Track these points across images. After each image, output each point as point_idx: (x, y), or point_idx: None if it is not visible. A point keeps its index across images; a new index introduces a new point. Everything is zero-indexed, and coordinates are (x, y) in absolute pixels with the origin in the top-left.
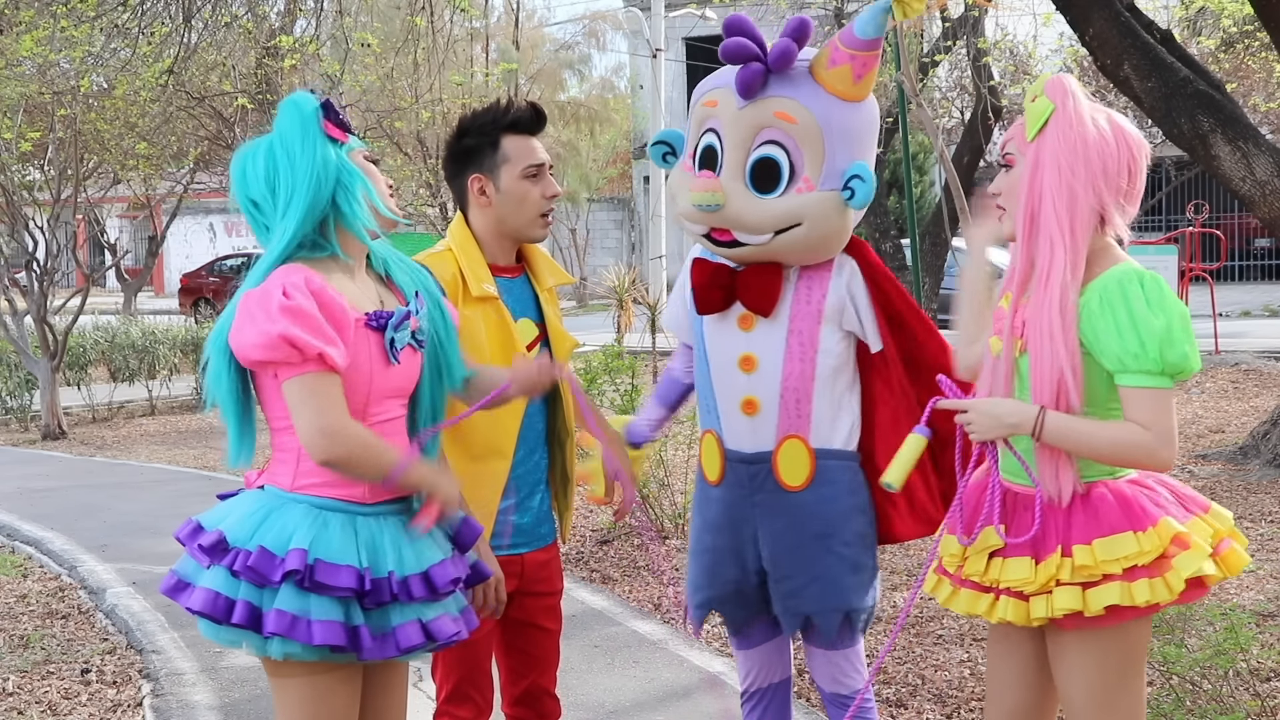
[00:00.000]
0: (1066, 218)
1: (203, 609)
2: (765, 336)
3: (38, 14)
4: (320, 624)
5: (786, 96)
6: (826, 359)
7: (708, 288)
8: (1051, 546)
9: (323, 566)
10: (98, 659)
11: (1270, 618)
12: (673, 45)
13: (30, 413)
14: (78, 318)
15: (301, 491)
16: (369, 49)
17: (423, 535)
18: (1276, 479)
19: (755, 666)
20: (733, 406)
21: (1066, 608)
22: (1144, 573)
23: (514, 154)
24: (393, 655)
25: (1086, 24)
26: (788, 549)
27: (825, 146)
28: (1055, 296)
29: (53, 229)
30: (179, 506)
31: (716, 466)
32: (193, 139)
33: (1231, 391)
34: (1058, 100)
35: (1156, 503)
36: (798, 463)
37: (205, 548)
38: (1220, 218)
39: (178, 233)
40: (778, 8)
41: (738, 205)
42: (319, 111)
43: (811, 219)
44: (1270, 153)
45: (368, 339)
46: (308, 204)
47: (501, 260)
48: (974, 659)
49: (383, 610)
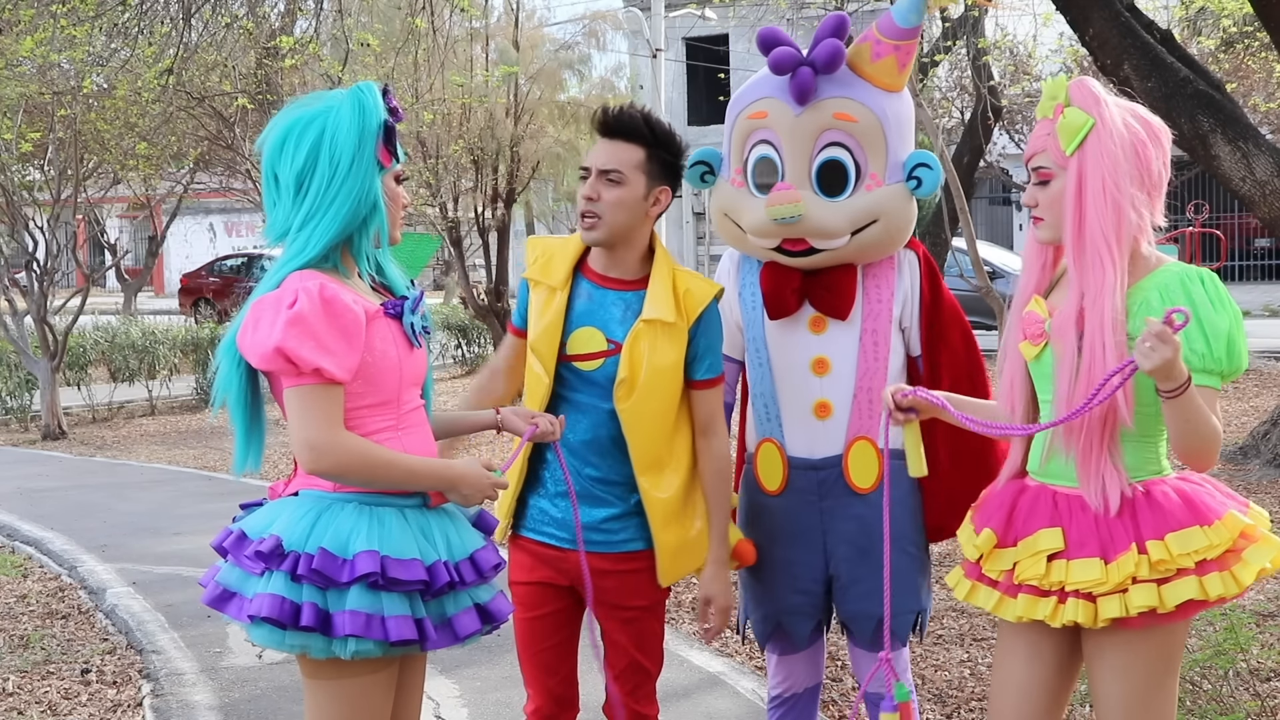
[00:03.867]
0: (1114, 231)
1: (270, 614)
2: (838, 338)
3: (38, 14)
4: (395, 620)
5: (843, 97)
6: (896, 358)
7: (780, 292)
8: (1124, 545)
9: (392, 563)
10: (98, 659)
11: (1270, 618)
12: (673, 45)
13: (30, 413)
14: (78, 318)
15: (346, 490)
16: (369, 49)
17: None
18: (1276, 479)
19: (792, 673)
20: (803, 411)
21: (1144, 605)
22: (1214, 566)
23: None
24: (452, 643)
25: (1086, 24)
26: (861, 552)
27: (887, 141)
28: (1110, 307)
29: (53, 229)
30: (179, 506)
31: (778, 476)
32: (193, 139)
33: (1231, 391)
34: (1095, 113)
35: (1216, 498)
36: (868, 464)
37: (263, 554)
38: (1220, 218)
39: (178, 233)
40: (777, 8)
41: (815, 213)
42: (380, 132)
43: (886, 214)
44: (1270, 153)
45: (389, 328)
46: (340, 229)
47: (612, 271)
48: (974, 659)
49: (439, 600)
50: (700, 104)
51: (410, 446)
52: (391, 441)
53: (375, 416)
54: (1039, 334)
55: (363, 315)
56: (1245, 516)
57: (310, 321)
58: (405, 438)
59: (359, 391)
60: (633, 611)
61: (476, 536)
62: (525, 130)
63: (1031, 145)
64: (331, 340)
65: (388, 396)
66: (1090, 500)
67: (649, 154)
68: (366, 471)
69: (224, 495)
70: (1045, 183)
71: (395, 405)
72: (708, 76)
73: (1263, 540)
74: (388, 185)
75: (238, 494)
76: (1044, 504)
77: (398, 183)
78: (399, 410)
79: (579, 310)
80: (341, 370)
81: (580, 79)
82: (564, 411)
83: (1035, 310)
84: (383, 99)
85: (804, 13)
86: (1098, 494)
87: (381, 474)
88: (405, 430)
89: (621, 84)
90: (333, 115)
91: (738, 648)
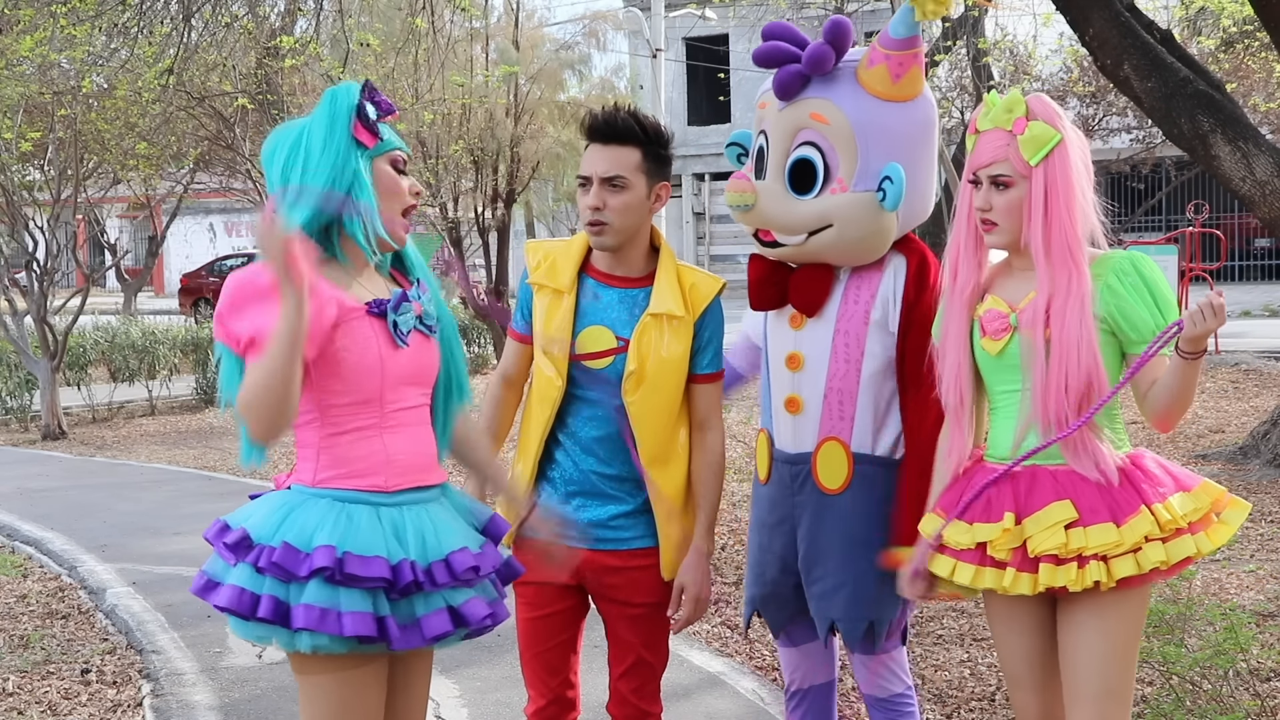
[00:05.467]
0: (1076, 232)
1: (228, 605)
2: (812, 335)
3: (38, 14)
4: (350, 615)
5: (821, 98)
6: (872, 361)
7: (762, 284)
8: (1132, 508)
9: (353, 559)
10: (98, 659)
11: (1270, 618)
12: (673, 45)
13: (30, 413)
14: (78, 318)
15: (323, 486)
16: (369, 49)
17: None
18: (1276, 479)
19: (798, 666)
20: (779, 405)
21: (1156, 560)
22: (1200, 526)
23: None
24: (419, 644)
25: (1086, 24)
26: (821, 552)
27: (859, 147)
28: (1081, 301)
29: (53, 229)
30: (179, 506)
31: (765, 465)
32: (193, 139)
33: (1231, 391)
34: (1060, 128)
35: (1183, 470)
36: (835, 466)
37: (230, 545)
38: (1220, 218)
39: (178, 233)
40: (777, 8)
41: (771, 206)
42: (352, 112)
43: (841, 221)
44: (1270, 153)
45: (371, 326)
46: (314, 209)
47: (617, 269)
48: (974, 659)
49: (408, 600)
50: (700, 104)
51: (394, 446)
52: (374, 441)
53: (356, 415)
54: (1003, 329)
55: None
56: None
57: (254, 291)
58: (390, 437)
59: (334, 388)
60: (641, 609)
61: (457, 538)
62: (525, 130)
63: (987, 154)
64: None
65: (368, 395)
66: (1090, 475)
67: (644, 153)
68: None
69: (224, 495)
70: (1005, 187)
71: (378, 404)
72: (708, 76)
73: (1233, 503)
74: (379, 169)
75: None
76: (1043, 482)
77: (396, 170)
78: (383, 409)
79: (586, 309)
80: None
81: (580, 79)
82: (574, 409)
83: (995, 307)
84: (364, 93)
85: (804, 13)
86: (1094, 468)
87: (266, 364)
88: (391, 430)
89: (621, 84)
90: (311, 118)
91: (738, 648)
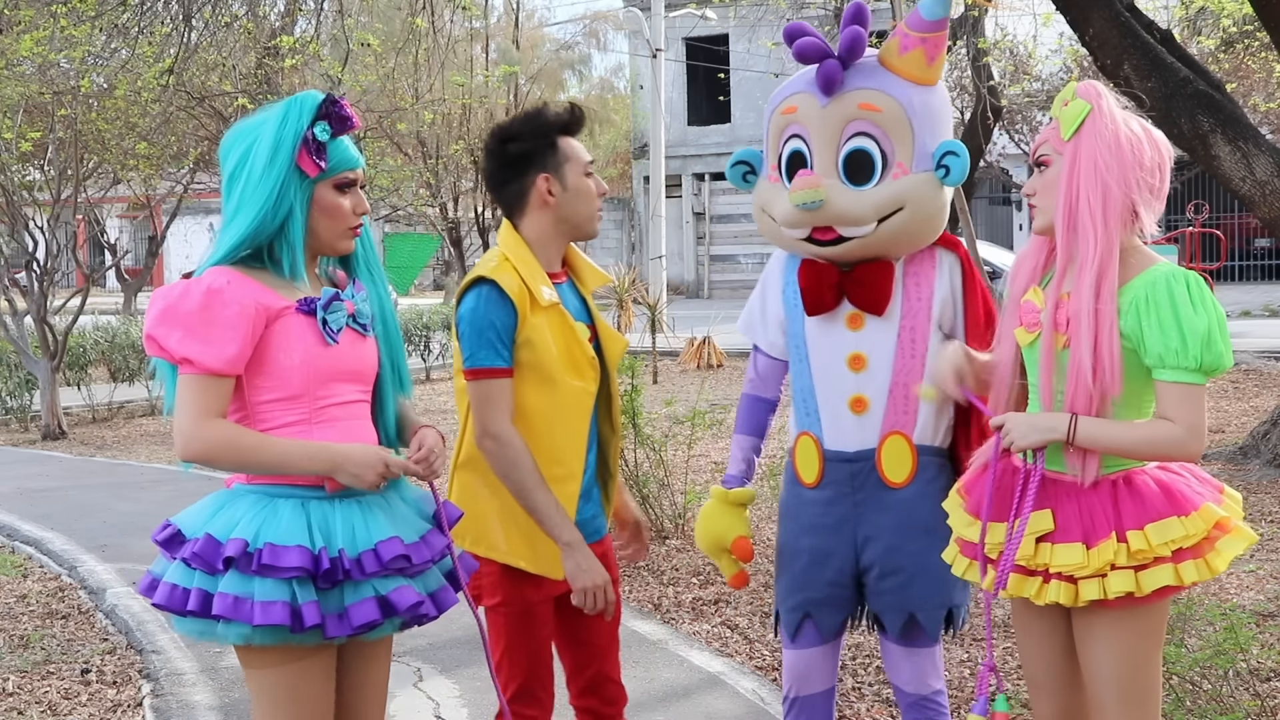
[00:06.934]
0: (1101, 212)
1: (159, 601)
2: (876, 334)
3: (38, 14)
4: (261, 604)
5: (868, 88)
6: (934, 356)
7: (819, 288)
8: (1104, 532)
9: (270, 549)
10: (98, 659)
11: (1270, 618)
12: (673, 45)
13: (30, 413)
14: (78, 318)
15: (255, 482)
16: (369, 49)
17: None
18: (1276, 479)
19: (803, 671)
20: (839, 406)
21: (1121, 590)
22: (1189, 554)
23: (572, 153)
24: (348, 633)
25: (1086, 24)
26: (895, 546)
27: (914, 131)
28: (1095, 287)
29: (53, 229)
30: (179, 506)
31: (815, 468)
32: (193, 139)
33: (1231, 391)
34: (1093, 101)
35: (1194, 488)
36: (900, 459)
37: (162, 542)
38: (1220, 218)
39: (178, 233)
40: (777, 8)
41: (838, 199)
42: (298, 139)
43: (912, 201)
44: (1270, 153)
45: (300, 324)
46: (247, 233)
47: (553, 265)
48: (974, 659)
49: (338, 589)
50: (700, 104)
51: (325, 439)
52: (301, 435)
53: (283, 411)
54: (1035, 322)
55: (254, 309)
56: (1220, 508)
57: (182, 312)
58: (319, 432)
59: (262, 385)
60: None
61: (387, 528)
62: None
63: (1038, 141)
64: (207, 331)
65: (296, 391)
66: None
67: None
68: (234, 455)
69: None
70: (1045, 167)
71: (307, 400)
72: (708, 76)
73: (1235, 530)
74: (321, 195)
75: None
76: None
77: (343, 191)
78: (312, 405)
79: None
80: (216, 360)
81: (580, 79)
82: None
83: (1033, 300)
84: (324, 108)
85: (804, 13)
86: (1078, 464)
87: (251, 458)
88: (320, 425)
89: (621, 84)
90: (264, 125)
91: (738, 648)
